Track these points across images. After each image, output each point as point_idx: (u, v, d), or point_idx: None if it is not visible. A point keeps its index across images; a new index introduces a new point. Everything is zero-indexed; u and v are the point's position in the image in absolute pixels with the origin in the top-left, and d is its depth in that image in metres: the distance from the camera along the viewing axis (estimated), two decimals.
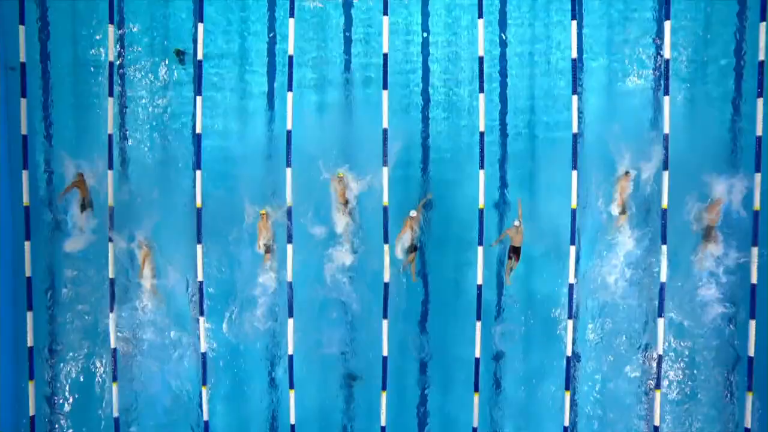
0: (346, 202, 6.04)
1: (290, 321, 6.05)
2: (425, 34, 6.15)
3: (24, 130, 6.07)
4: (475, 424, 6.00)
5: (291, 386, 6.06)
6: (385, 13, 5.97)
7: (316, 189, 6.07)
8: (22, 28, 6.01)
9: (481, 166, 5.93)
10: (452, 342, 6.16)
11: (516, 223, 5.92)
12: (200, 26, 6.08)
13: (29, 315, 6.09)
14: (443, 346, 6.19)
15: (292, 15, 6.00)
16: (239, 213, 6.15)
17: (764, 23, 5.82)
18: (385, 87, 5.92)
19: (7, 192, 6.07)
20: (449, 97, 6.14)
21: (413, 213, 6.01)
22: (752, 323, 5.85)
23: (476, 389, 6.04)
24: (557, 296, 6.10)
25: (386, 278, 5.97)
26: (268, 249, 6.10)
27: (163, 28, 6.29)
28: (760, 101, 5.81)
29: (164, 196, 6.16)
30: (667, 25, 5.88)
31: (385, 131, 5.94)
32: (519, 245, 5.97)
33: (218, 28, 6.20)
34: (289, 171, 5.98)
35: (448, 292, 6.17)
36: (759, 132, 5.79)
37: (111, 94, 6.06)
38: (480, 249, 5.97)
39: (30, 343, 6.09)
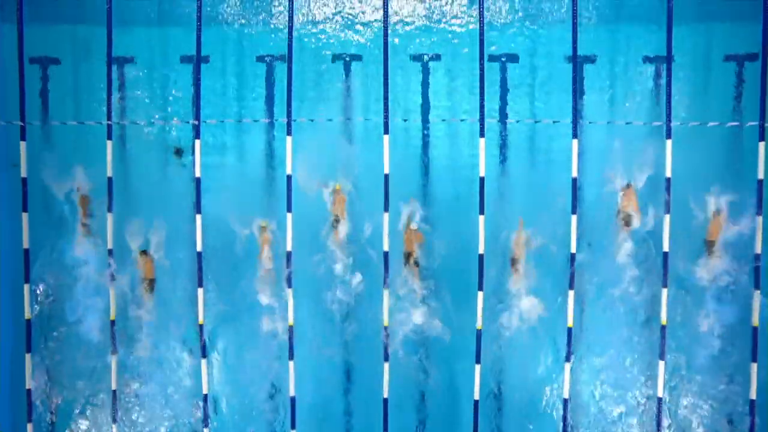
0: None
1: None
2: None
3: (26, 244, 6.07)
4: None
5: None
6: (386, 131, 5.95)
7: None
8: (23, 143, 6.02)
9: (480, 288, 5.97)
10: None
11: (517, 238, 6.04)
12: (197, 142, 6.08)
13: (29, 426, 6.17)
14: None
15: (289, 133, 5.99)
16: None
17: (763, 143, 5.87)
18: (386, 209, 5.92)
19: (9, 305, 6.15)
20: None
21: (414, 226, 6.01)
22: None
23: None
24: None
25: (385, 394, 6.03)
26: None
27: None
28: (759, 218, 5.82)
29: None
30: (669, 143, 5.91)
31: (386, 254, 5.98)
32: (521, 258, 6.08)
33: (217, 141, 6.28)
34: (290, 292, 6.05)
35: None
36: (758, 249, 5.81)
37: (110, 209, 6.07)
38: (477, 367, 6.03)
39: None
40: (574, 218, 5.98)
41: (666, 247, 5.89)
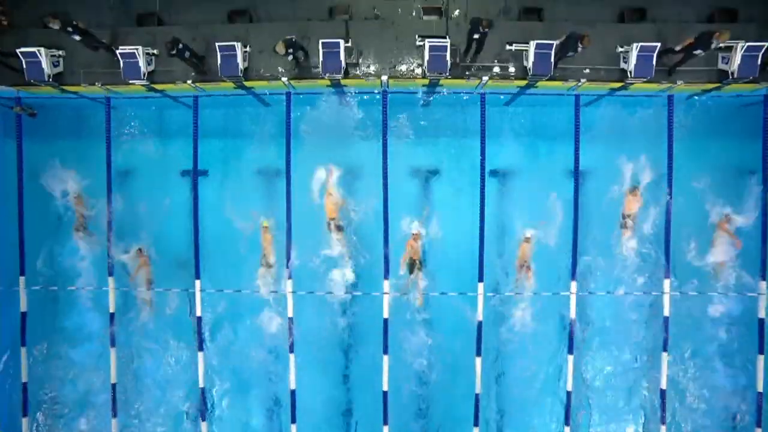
0: None
1: None
2: None
3: (24, 378, 6.10)
4: None
5: None
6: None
7: None
8: (22, 278, 6.02)
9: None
10: None
11: (528, 234, 6.06)
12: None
13: None
14: None
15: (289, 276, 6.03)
16: None
17: (764, 281, 5.97)
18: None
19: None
20: None
21: (415, 230, 5.98)
22: None
23: None
24: None
25: None
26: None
27: None
28: (760, 358, 5.97)
29: None
30: (667, 283, 6.00)
31: None
32: (528, 261, 6.10)
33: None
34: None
35: None
36: (760, 388, 6.01)
37: (113, 344, 6.09)
38: None
39: None
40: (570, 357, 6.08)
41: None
